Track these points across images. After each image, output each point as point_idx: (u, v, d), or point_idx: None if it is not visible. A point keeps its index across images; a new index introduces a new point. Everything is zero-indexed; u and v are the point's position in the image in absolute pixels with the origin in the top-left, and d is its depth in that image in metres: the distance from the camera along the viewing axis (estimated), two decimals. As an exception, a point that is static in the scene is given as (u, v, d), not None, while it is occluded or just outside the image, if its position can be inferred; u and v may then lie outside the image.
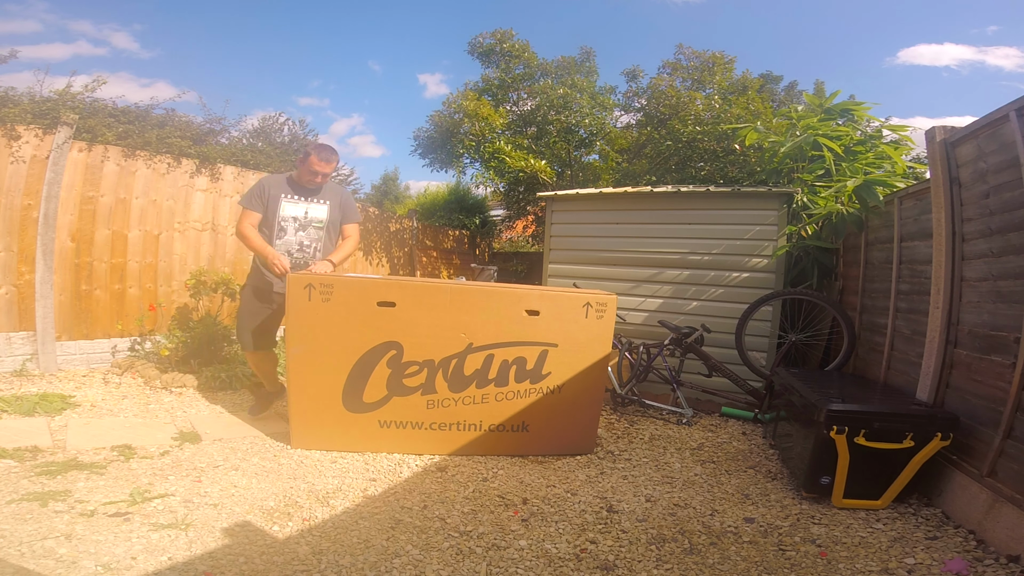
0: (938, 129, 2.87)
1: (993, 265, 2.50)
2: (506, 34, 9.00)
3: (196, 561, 1.90)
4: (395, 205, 16.85)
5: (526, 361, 2.98)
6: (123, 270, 4.81)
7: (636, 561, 2.06)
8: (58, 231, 4.36)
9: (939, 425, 2.46)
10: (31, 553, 1.86)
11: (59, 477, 2.46)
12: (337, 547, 2.05)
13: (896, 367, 3.36)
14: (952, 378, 2.72)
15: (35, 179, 4.24)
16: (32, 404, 3.39)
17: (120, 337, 4.77)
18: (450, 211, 10.71)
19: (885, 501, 2.54)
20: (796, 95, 13.09)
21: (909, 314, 3.27)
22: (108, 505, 2.23)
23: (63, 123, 4.32)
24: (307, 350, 2.88)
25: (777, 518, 2.45)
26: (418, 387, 2.95)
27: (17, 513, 2.11)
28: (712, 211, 4.55)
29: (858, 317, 3.96)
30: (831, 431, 2.47)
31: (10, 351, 4.15)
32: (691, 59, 8.85)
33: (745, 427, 3.87)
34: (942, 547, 2.18)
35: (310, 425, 2.96)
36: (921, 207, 3.23)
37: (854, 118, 4.85)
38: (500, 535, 2.20)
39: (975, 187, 2.66)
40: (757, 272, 4.39)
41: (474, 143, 8.55)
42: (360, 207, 8.05)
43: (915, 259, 3.26)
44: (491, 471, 2.86)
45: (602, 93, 8.98)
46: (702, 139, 7.49)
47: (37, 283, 4.24)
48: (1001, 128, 2.45)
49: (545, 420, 3.02)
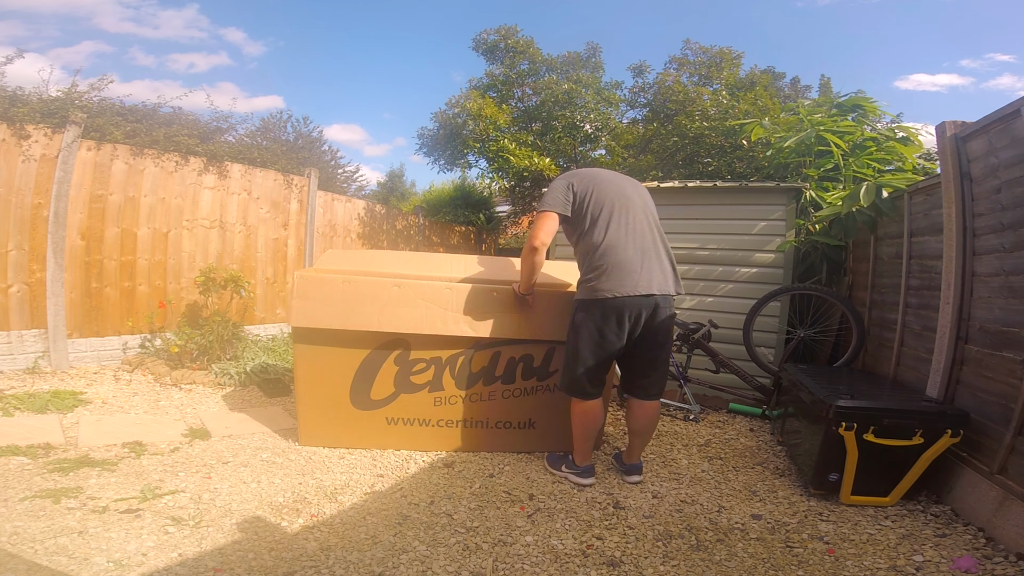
0: (949, 124, 2.83)
1: (1005, 260, 2.47)
2: (511, 30, 8.97)
3: (206, 557, 1.92)
4: (401, 202, 16.88)
5: (533, 358, 2.99)
6: (133, 268, 4.86)
7: (643, 558, 2.06)
8: (68, 229, 4.40)
9: (949, 422, 2.44)
10: (44, 550, 1.88)
11: (71, 474, 2.49)
12: (345, 543, 2.07)
13: (906, 363, 3.33)
14: (962, 374, 2.70)
15: (45, 178, 4.28)
16: (44, 401, 3.43)
17: (130, 334, 4.82)
18: (456, 207, 10.70)
19: (894, 498, 2.52)
20: (802, 91, 12.97)
21: (919, 310, 3.24)
22: (119, 502, 2.25)
23: (72, 122, 4.35)
24: (314, 347, 2.89)
25: (785, 515, 2.45)
26: (425, 384, 2.96)
27: (30, 510, 2.14)
28: (719, 206, 4.52)
29: (867, 313, 3.93)
30: (840, 427, 2.46)
31: (22, 348, 4.20)
32: (698, 55, 8.78)
33: (753, 423, 3.86)
34: (951, 545, 2.17)
35: (318, 422, 2.98)
36: (931, 202, 3.20)
37: (865, 114, 4.80)
38: (506, 531, 2.21)
39: (986, 182, 2.63)
40: (765, 268, 4.36)
41: (478, 143, 8.54)
42: (366, 204, 8.09)
43: (925, 254, 3.23)
44: (497, 467, 2.86)
45: (608, 89, 8.94)
46: (709, 135, 7.45)
47: (48, 281, 4.29)
48: (1013, 123, 2.42)
49: (552, 417, 3.02)
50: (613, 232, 2.55)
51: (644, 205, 2.68)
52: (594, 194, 2.62)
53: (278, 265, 6.19)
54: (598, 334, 2.56)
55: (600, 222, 2.58)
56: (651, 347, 2.64)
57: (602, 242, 2.55)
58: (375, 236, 7.95)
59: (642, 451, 2.86)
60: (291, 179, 6.33)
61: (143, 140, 4.92)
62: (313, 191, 6.59)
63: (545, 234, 2.59)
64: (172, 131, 5.24)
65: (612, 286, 2.50)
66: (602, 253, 2.54)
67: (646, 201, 2.71)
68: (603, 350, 2.58)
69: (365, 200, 8.73)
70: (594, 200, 2.61)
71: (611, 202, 2.60)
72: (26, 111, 4.23)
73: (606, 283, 2.51)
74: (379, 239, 8.01)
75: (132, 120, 5.12)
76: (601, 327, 2.55)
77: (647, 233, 2.61)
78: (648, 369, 2.69)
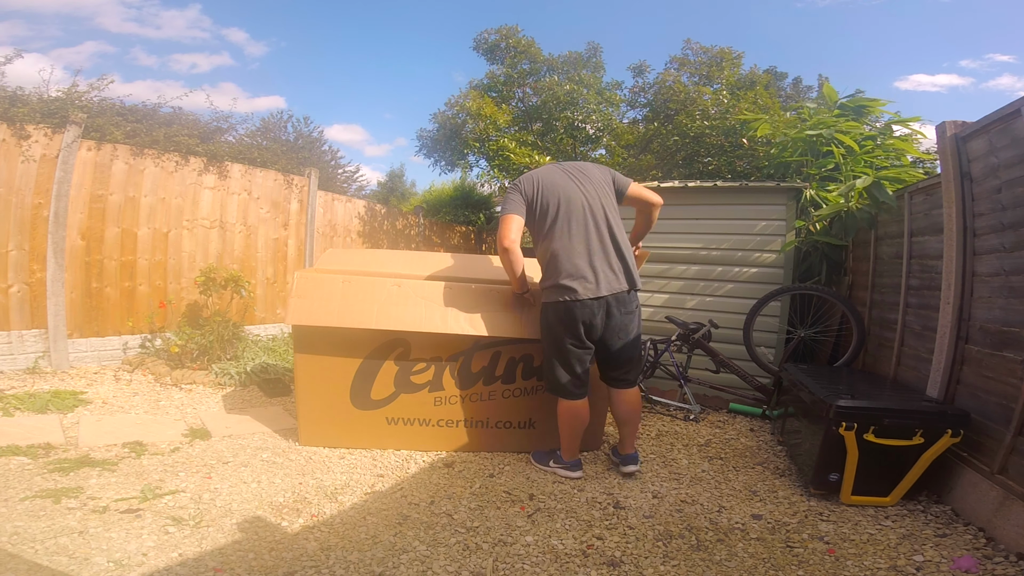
0: (949, 124, 2.83)
1: (1005, 260, 2.47)
2: (511, 30, 8.97)
3: (206, 557, 1.92)
4: (401, 202, 16.88)
5: (533, 358, 2.98)
6: (133, 268, 4.86)
7: (643, 558, 2.06)
8: (68, 229, 4.40)
9: (949, 422, 2.44)
10: (44, 550, 1.88)
11: (72, 474, 2.49)
12: (345, 543, 2.07)
13: (906, 363, 3.33)
14: (963, 374, 2.70)
15: (45, 178, 4.28)
16: (45, 401, 3.44)
17: (131, 334, 4.82)
18: (456, 207, 10.69)
19: (894, 498, 2.52)
20: (803, 90, 12.97)
21: (919, 309, 3.24)
22: (120, 502, 2.25)
23: (72, 122, 4.35)
24: (315, 347, 2.89)
25: (785, 515, 2.45)
26: (425, 384, 2.96)
27: (31, 510, 2.14)
28: (719, 206, 4.52)
29: (867, 312, 3.93)
30: (840, 427, 2.46)
31: (23, 348, 4.21)
32: (699, 54, 8.78)
33: (753, 423, 3.86)
34: (951, 544, 2.17)
35: (318, 422, 2.98)
36: (932, 202, 3.20)
37: (866, 113, 4.79)
38: (506, 531, 2.21)
39: (986, 182, 2.63)
40: (765, 267, 4.36)
41: (478, 143, 8.54)
42: (366, 204, 8.09)
43: (926, 254, 3.23)
44: (498, 467, 2.86)
45: (608, 88, 8.94)
46: (710, 134, 7.44)
47: (48, 281, 4.29)
48: (1013, 123, 2.42)
49: (552, 417, 3.00)
50: (558, 239, 2.65)
51: (589, 203, 2.71)
52: (539, 198, 2.72)
53: (278, 265, 6.20)
54: (562, 336, 2.67)
55: (547, 228, 2.69)
56: (616, 342, 2.72)
57: (550, 248, 2.67)
58: (375, 236, 7.95)
59: (634, 439, 2.92)
60: (291, 179, 6.34)
61: (143, 140, 4.92)
62: (313, 191, 6.59)
63: (512, 232, 2.67)
64: (172, 131, 5.24)
65: (564, 291, 2.61)
66: (551, 258, 2.67)
67: (593, 196, 2.72)
68: (570, 350, 2.68)
69: (365, 200, 8.73)
70: (540, 205, 2.72)
71: (555, 206, 2.69)
72: (26, 111, 4.23)
73: (558, 289, 2.63)
74: (379, 239, 8.01)
75: (132, 120, 5.12)
76: (563, 329, 2.66)
77: (593, 233, 2.67)
78: (619, 361, 2.78)
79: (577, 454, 2.84)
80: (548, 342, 2.75)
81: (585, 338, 2.67)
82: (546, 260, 2.71)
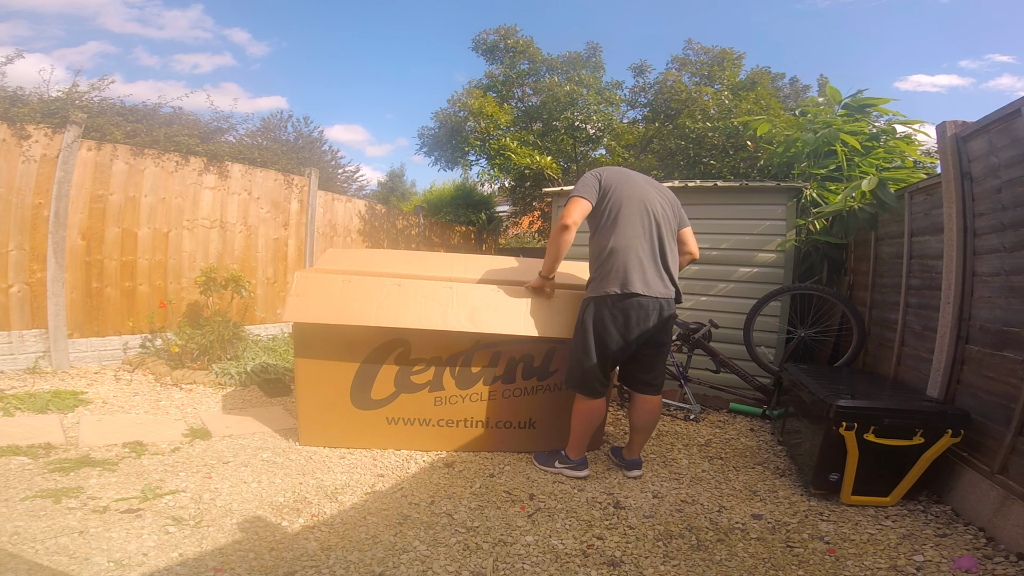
0: (949, 124, 2.83)
1: (1005, 260, 2.47)
2: (511, 30, 8.96)
3: (206, 557, 1.92)
4: (401, 202, 16.87)
5: (533, 358, 2.98)
6: (133, 267, 4.86)
7: (643, 557, 2.06)
8: (68, 229, 4.40)
9: (949, 422, 2.44)
10: (45, 549, 1.88)
11: (72, 474, 2.49)
12: (345, 543, 2.07)
13: (906, 363, 3.33)
14: (963, 374, 2.70)
15: (45, 178, 4.28)
16: (45, 401, 3.44)
17: (131, 334, 4.82)
18: (456, 207, 10.71)
19: (894, 498, 2.52)
20: (802, 91, 12.97)
21: (920, 309, 3.24)
22: (120, 501, 2.25)
23: (72, 122, 4.35)
24: (315, 347, 2.89)
25: (785, 515, 2.45)
26: (426, 384, 2.96)
27: (31, 510, 2.14)
28: (720, 206, 4.52)
29: (868, 312, 3.93)
30: (840, 427, 2.46)
31: (23, 348, 4.21)
32: (700, 55, 8.77)
33: (753, 423, 3.86)
34: (951, 544, 2.17)
35: (319, 422, 2.98)
36: (932, 202, 3.20)
37: (868, 113, 4.78)
38: (507, 531, 2.21)
39: (987, 182, 2.63)
40: (765, 267, 4.36)
41: (479, 141, 8.53)
42: (367, 204, 8.09)
43: (926, 254, 3.23)
44: (498, 467, 2.86)
45: (608, 88, 8.93)
46: (711, 135, 7.43)
47: (49, 281, 4.29)
48: (1013, 123, 2.42)
49: (552, 417, 3.02)
50: (625, 235, 2.63)
51: (660, 213, 2.72)
52: (616, 191, 2.69)
53: (278, 265, 6.20)
54: (606, 331, 2.64)
55: (616, 221, 2.65)
56: (655, 344, 2.74)
57: (613, 242, 2.63)
58: (375, 236, 7.95)
59: (643, 446, 2.93)
60: (291, 179, 6.34)
61: (143, 140, 4.92)
62: (313, 191, 6.59)
63: (577, 215, 2.66)
64: (172, 131, 5.24)
65: (621, 285, 2.58)
66: (611, 252, 2.62)
67: (663, 211, 2.75)
68: (610, 347, 2.65)
69: (365, 200, 8.74)
70: (614, 197, 2.68)
71: (630, 203, 2.67)
72: (26, 111, 4.23)
73: (615, 281, 2.59)
74: (379, 239, 8.02)
75: (132, 120, 5.12)
76: (609, 324, 2.63)
77: (655, 241, 2.68)
78: (652, 364, 2.79)
79: (584, 452, 2.85)
80: (588, 336, 2.67)
81: (631, 333, 2.64)
82: (606, 253, 2.64)
